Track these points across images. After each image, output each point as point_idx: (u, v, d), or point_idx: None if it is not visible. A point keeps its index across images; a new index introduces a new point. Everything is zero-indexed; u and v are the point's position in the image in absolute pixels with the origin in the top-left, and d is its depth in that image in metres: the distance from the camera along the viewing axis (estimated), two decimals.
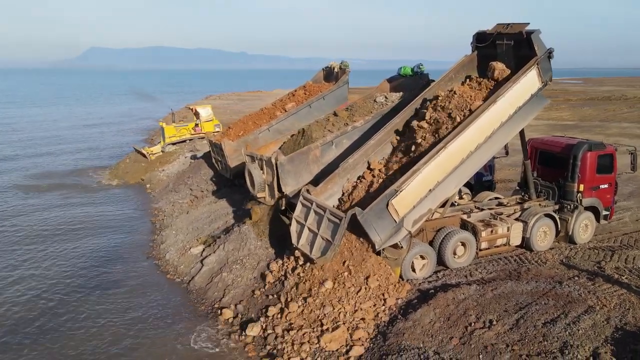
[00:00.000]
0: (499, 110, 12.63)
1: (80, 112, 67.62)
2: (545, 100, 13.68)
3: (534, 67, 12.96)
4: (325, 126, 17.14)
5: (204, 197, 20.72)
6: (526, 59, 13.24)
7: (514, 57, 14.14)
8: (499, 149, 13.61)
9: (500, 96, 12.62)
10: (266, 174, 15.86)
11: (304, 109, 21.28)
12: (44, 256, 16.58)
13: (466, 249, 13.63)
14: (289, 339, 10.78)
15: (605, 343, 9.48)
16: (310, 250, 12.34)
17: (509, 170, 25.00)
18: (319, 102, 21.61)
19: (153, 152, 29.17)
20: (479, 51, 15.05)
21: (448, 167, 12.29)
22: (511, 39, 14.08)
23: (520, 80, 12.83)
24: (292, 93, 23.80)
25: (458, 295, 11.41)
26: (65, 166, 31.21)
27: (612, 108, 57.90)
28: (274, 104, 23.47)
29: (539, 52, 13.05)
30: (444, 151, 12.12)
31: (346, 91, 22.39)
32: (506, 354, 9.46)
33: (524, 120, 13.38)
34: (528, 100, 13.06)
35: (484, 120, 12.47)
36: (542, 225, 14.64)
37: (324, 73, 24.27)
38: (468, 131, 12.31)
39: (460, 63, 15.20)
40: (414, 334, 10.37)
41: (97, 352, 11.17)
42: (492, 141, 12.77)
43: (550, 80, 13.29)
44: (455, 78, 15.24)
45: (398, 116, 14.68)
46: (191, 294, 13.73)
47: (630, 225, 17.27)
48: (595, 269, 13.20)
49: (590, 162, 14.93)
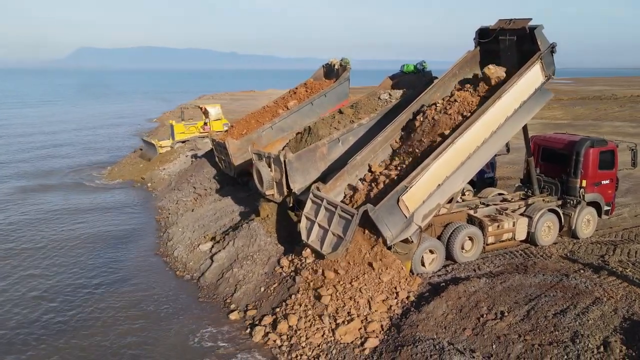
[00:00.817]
0: (504, 105, 12.88)
1: (73, 112, 67.28)
2: (549, 94, 13.90)
3: (538, 62, 13.17)
4: (331, 124, 17.31)
5: (208, 195, 20.84)
6: (529, 54, 13.45)
7: (517, 52, 14.34)
8: (505, 143, 13.89)
9: (505, 91, 12.87)
10: (274, 172, 16.01)
11: (306, 106, 21.40)
12: (44, 256, 16.49)
13: (474, 243, 13.90)
14: (303, 333, 10.94)
15: (615, 332, 9.73)
16: (321, 246, 12.53)
17: (507, 168, 25.35)
18: (321, 99, 21.72)
19: (162, 146, 29.44)
20: (481, 47, 15.27)
21: (455, 163, 12.55)
22: (514, 34, 14.22)
23: (525, 75, 13.06)
24: (293, 91, 23.91)
25: (469, 288, 11.64)
26: (63, 166, 31.14)
27: (604, 107, 58.63)
28: (276, 101, 23.60)
29: (542, 47, 13.23)
30: (451, 147, 12.36)
31: (347, 88, 22.54)
32: (519, 344, 9.68)
33: (528, 114, 13.60)
34: (532, 94, 13.29)
35: (489, 116, 12.73)
36: (546, 220, 14.95)
37: (325, 70, 24.39)
38: (475, 127, 12.57)
39: (463, 59, 15.43)
40: (428, 326, 10.59)
41: (104, 348, 11.17)
42: (497, 136, 13.03)
43: (553, 74, 13.52)
44: (459, 74, 15.48)
45: (403, 113, 14.86)
46: (202, 290, 13.83)
47: (629, 220, 17.64)
48: (600, 262, 13.50)
49: (592, 158, 15.26)
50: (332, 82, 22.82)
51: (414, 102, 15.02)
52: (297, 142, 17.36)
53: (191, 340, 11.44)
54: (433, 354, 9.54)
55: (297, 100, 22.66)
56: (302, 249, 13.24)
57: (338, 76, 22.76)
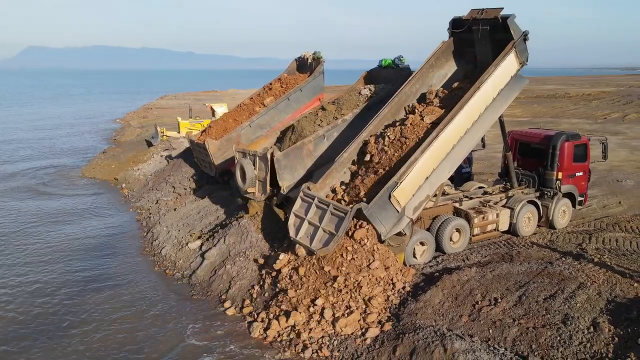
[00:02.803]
0: (483, 95, 13.31)
1: (28, 114, 64.13)
2: (524, 80, 14.32)
3: (512, 51, 13.55)
4: (314, 121, 17.51)
5: (188, 195, 20.70)
6: (503, 42, 13.82)
7: (490, 41, 14.71)
8: (485, 131, 14.23)
9: (484, 82, 13.25)
10: (258, 170, 16.02)
11: (282, 102, 21.40)
12: (25, 262, 16.01)
13: (461, 235, 14.40)
14: (302, 327, 11.10)
15: (602, 314, 10.34)
16: (310, 243, 12.58)
17: (477, 164, 26.08)
18: (297, 94, 21.70)
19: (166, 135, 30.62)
20: (456, 36, 15.51)
21: (441, 155, 12.96)
22: (487, 24, 14.47)
23: (501, 64, 13.43)
24: (268, 87, 23.73)
25: (462, 277, 12.10)
26: (25, 169, 29.90)
27: (559, 105, 60.96)
28: (252, 98, 23.40)
29: (515, 36, 13.59)
30: (436, 140, 12.74)
31: (322, 81, 22.52)
32: (514, 328, 10.18)
33: (506, 102, 14.07)
34: (509, 81, 13.75)
35: (470, 107, 13.14)
36: (526, 211, 15.62)
37: (297, 64, 24.32)
38: (457, 118, 12.97)
39: (439, 49, 15.67)
40: (426, 314, 10.98)
41: (96, 350, 11.07)
42: (478, 124, 13.49)
43: (527, 61, 13.91)
44: (436, 64, 15.80)
45: (385, 107, 15.05)
46: (194, 288, 13.84)
47: (599, 211, 18.59)
48: (578, 250, 14.21)
49: (567, 151, 16.02)
50: (305, 76, 22.80)
51: (395, 95, 15.21)
52: (282, 140, 17.49)
53: (188, 337, 11.47)
54: (434, 339, 9.90)
55: (274, 97, 22.61)
56: (294, 246, 13.32)
57: (312, 70, 22.74)
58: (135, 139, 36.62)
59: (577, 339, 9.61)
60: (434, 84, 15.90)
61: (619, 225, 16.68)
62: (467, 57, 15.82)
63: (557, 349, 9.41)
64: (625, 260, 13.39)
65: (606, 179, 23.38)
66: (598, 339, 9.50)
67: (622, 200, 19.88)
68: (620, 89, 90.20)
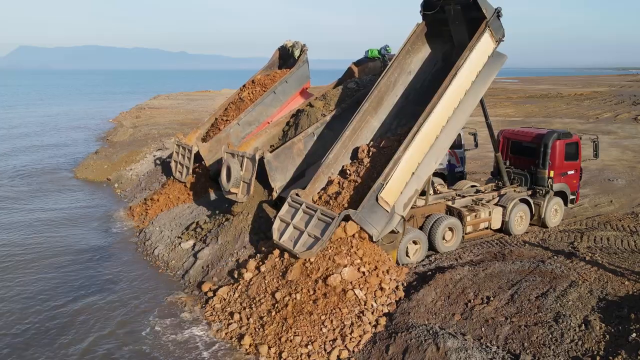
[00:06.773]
0: (461, 80, 12.88)
1: (19, 114, 63.75)
2: (503, 57, 13.75)
3: (486, 30, 13.07)
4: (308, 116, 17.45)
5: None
6: (477, 20, 13.35)
7: (464, 20, 14.24)
8: (469, 116, 13.72)
9: (460, 67, 12.82)
10: (245, 171, 15.82)
11: (269, 96, 21.09)
12: (16, 262, 15.89)
13: (454, 233, 14.44)
14: (294, 329, 10.94)
15: (593, 311, 10.39)
16: (293, 246, 12.34)
17: (470, 163, 26.11)
18: (282, 86, 21.34)
19: None
20: (429, 18, 14.97)
21: (425, 148, 12.71)
22: (458, 3, 14.04)
23: (476, 47, 12.99)
24: (251, 81, 23.46)
25: (454, 275, 12.12)
26: (24, 169, 29.68)
27: (552, 105, 61.37)
28: (239, 95, 23.00)
29: (488, 14, 13.11)
30: (418, 134, 12.49)
31: (307, 70, 22.17)
32: (506, 326, 10.20)
33: (486, 82, 13.64)
34: (486, 62, 13.30)
35: (449, 95, 12.73)
36: (519, 210, 15.68)
37: (280, 53, 24.08)
38: (437, 109, 12.61)
39: (413, 33, 15.22)
40: (419, 312, 10.98)
41: (90, 350, 11.01)
42: (460, 111, 13.09)
43: (503, 37, 13.46)
44: (412, 50, 15.37)
45: (365, 102, 14.83)
46: (188, 288, 13.77)
47: (590, 210, 18.72)
48: (570, 249, 14.30)
49: (559, 150, 16.11)
50: (283, 72, 22.37)
51: (374, 87, 14.91)
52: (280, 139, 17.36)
53: (183, 335, 11.43)
54: (427, 338, 9.89)
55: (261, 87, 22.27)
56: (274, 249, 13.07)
57: (294, 61, 22.45)
58: (127, 139, 36.41)
59: (569, 337, 9.63)
60: (413, 70, 15.50)
61: (610, 223, 16.80)
62: (445, 37, 15.37)
63: (549, 347, 9.43)
64: (617, 258, 13.50)
65: (598, 178, 23.56)
66: (589, 337, 9.54)
67: (613, 199, 20.03)
68: (612, 88, 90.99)
